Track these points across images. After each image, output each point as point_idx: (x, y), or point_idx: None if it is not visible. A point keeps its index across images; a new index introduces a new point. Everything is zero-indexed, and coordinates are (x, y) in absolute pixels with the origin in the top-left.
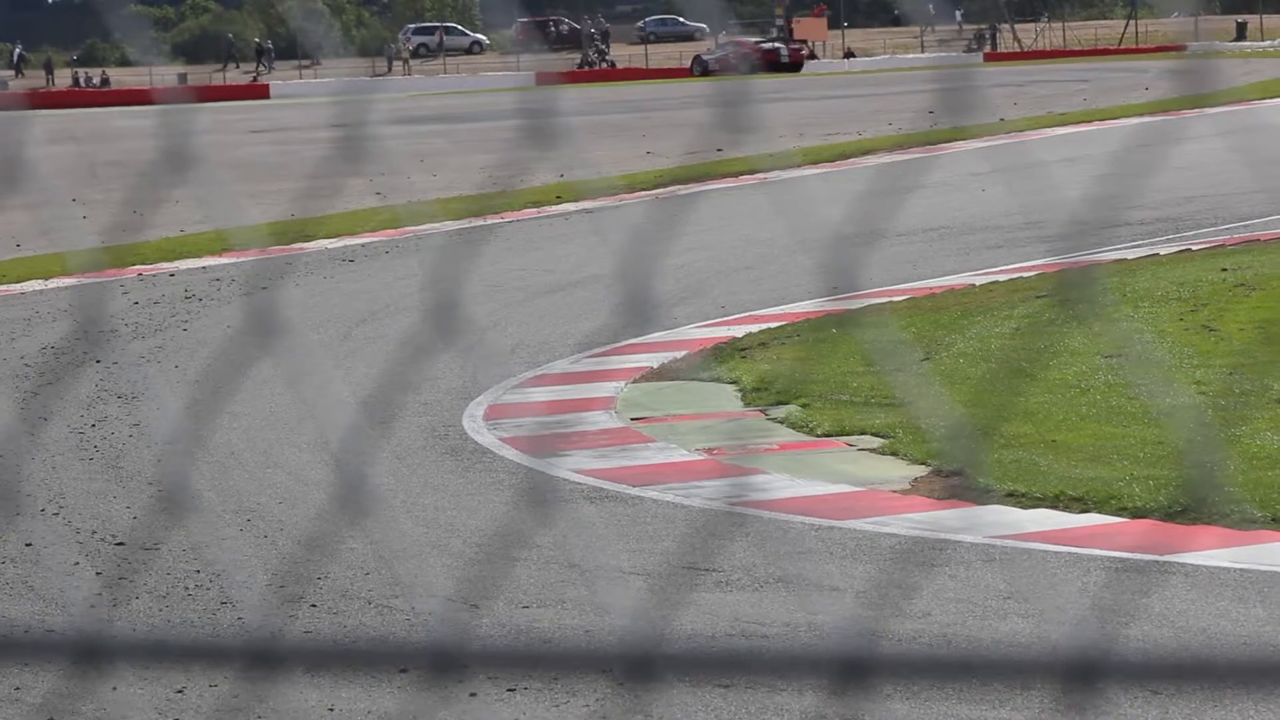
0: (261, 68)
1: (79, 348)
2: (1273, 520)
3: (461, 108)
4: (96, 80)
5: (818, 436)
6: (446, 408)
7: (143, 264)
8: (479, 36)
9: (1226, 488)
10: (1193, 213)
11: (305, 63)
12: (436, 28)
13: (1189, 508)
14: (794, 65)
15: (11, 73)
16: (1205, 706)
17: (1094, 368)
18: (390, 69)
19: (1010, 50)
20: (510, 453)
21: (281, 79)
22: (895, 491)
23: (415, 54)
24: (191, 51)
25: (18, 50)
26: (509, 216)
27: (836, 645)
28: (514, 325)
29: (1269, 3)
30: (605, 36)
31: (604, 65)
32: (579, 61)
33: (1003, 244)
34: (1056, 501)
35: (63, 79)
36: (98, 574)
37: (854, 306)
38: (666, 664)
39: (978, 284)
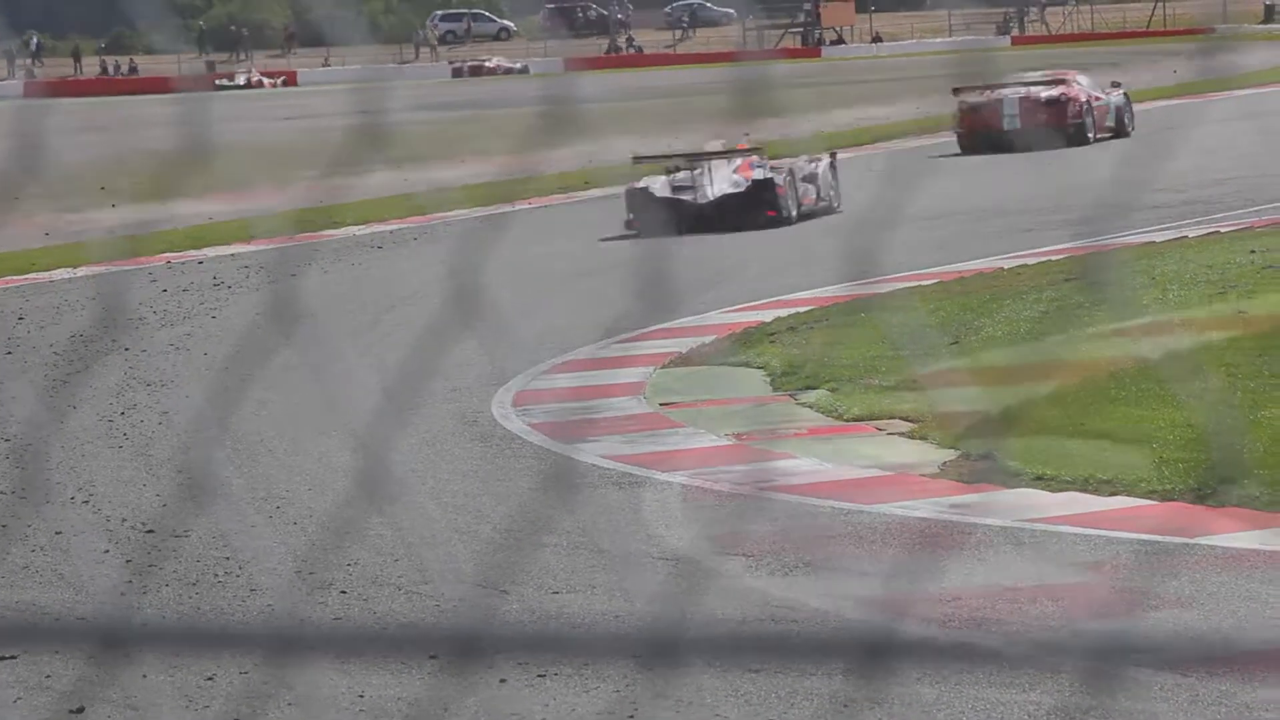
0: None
1: (107, 336)
2: None
3: (488, 94)
4: (125, 69)
5: (847, 421)
6: (475, 394)
7: (171, 251)
8: (506, 23)
9: (1255, 470)
10: (1221, 195)
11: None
12: (464, 14)
13: (1217, 490)
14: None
15: (29, 61)
16: (1235, 688)
17: (1123, 351)
18: (418, 55)
19: (1038, 34)
20: (539, 438)
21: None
22: (924, 475)
23: (443, 40)
24: (219, 39)
25: (35, 39)
26: (537, 202)
27: (865, 630)
28: (542, 311)
29: None
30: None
31: (630, 51)
32: (606, 47)
33: (1032, 227)
34: (1085, 485)
35: (90, 67)
36: (127, 562)
37: (882, 291)
38: (695, 648)
39: (1006, 267)
